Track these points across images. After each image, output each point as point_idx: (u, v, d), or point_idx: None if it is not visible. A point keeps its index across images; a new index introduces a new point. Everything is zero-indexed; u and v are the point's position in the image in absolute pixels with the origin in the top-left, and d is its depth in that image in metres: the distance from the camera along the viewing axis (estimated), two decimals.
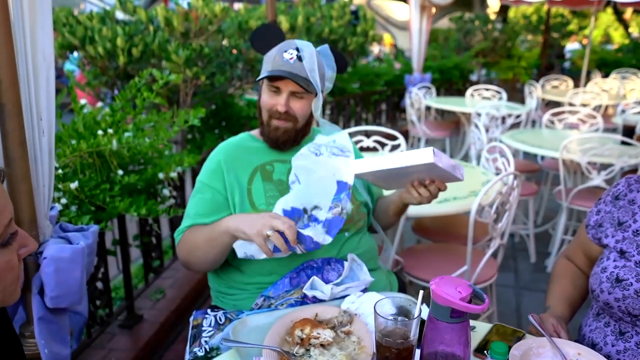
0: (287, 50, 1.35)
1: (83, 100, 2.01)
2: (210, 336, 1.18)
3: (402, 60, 8.14)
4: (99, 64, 2.96)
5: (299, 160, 1.35)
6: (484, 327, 1.17)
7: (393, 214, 1.50)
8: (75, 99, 1.98)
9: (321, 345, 1.02)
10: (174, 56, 2.83)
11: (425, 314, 0.94)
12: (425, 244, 2.56)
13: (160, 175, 1.98)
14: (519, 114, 4.56)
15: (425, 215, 2.31)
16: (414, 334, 0.91)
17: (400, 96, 7.23)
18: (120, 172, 1.87)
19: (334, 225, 1.20)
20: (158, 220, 2.46)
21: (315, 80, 1.35)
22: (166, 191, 2.11)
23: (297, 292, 1.24)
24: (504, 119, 4.55)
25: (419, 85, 6.06)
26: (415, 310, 0.93)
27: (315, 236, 1.18)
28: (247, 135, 1.51)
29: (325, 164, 1.31)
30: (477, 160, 3.64)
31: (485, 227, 2.08)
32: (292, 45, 1.37)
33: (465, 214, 2.09)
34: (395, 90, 7.25)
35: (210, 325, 1.21)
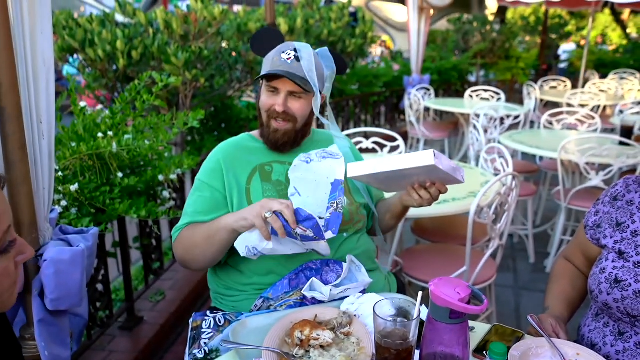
0: (285, 51, 1.36)
1: (83, 103, 2.01)
2: (209, 338, 1.18)
3: (401, 62, 8.14)
4: (99, 66, 2.97)
5: (294, 172, 1.35)
6: (483, 328, 1.17)
7: (393, 216, 1.50)
8: (75, 102, 1.98)
9: (321, 347, 1.02)
10: (173, 59, 2.83)
11: (425, 314, 0.95)
12: (424, 244, 2.56)
13: (160, 177, 1.98)
14: (518, 114, 4.57)
15: (424, 216, 2.32)
16: (413, 335, 0.92)
17: (399, 97, 7.24)
18: (120, 175, 1.88)
19: (333, 221, 1.20)
20: (158, 222, 2.46)
21: (313, 80, 1.35)
22: (166, 193, 2.12)
23: (296, 294, 1.24)
24: (502, 120, 4.56)
25: (418, 86, 6.07)
26: (415, 311, 0.93)
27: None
28: (247, 136, 1.51)
29: (317, 169, 1.31)
30: (476, 161, 3.64)
31: (484, 228, 2.09)
32: (290, 46, 1.38)
33: (464, 215, 2.10)
34: (394, 92, 7.27)
35: (209, 327, 1.21)
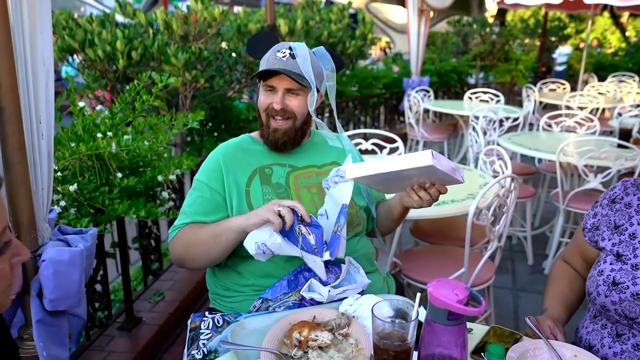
0: (281, 49, 1.37)
1: (82, 103, 2.01)
2: (208, 339, 1.18)
3: (401, 64, 8.16)
4: (99, 67, 2.97)
5: (328, 195, 1.34)
6: (481, 329, 1.17)
7: (394, 218, 1.50)
8: (74, 102, 1.98)
9: (319, 348, 1.02)
10: (173, 59, 2.83)
11: (423, 316, 0.95)
12: (423, 246, 2.56)
13: (160, 177, 1.98)
14: (517, 117, 4.58)
15: (423, 217, 2.32)
16: (411, 337, 0.92)
17: (399, 99, 7.25)
18: (119, 175, 1.88)
19: (332, 244, 1.22)
20: (157, 222, 2.45)
21: (310, 76, 1.35)
22: (165, 194, 2.12)
23: (295, 295, 1.24)
24: (501, 122, 4.57)
25: (418, 88, 6.08)
26: (413, 312, 0.93)
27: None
28: (248, 137, 1.51)
29: (334, 195, 1.32)
30: (475, 163, 3.64)
31: (483, 230, 2.09)
32: (286, 45, 1.39)
33: (462, 217, 2.10)
34: (394, 94, 7.27)
35: (208, 328, 1.21)
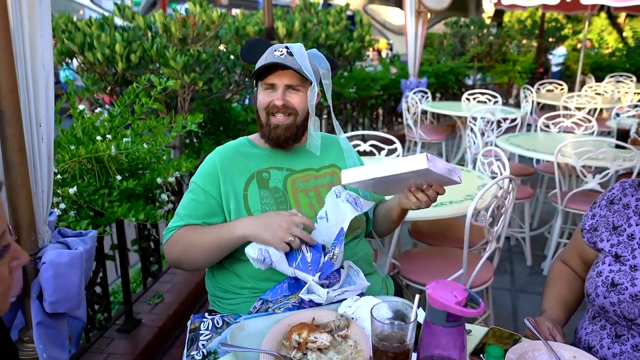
0: (278, 49, 1.38)
1: (81, 106, 2.02)
2: (207, 340, 1.17)
3: (398, 65, 8.17)
4: (98, 70, 2.97)
5: (329, 198, 1.35)
6: (480, 331, 1.17)
7: (393, 219, 1.50)
8: (74, 105, 1.99)
9: (318, 349, 1.02)
10: (172, 62, 2.84)
11: (422, 317, 0.95)
12: (421, 247, 2.56)
13: (159, 180, 1.98)
14: (515, 117, 4.59)
15: (422, 218, 2.32)
16: (410, 338, 0.92)
17: (397, 101, 7.26)
18: (118, 177, 1.88)
19: (325, 269, 1.23)
20: (156, 225, 2.46)
21: (308, 69, 1.36)
22: (164, 196, 2.12)
23: (295, 297, 1.25)
24: (499, 123, 4.57)
25: (415, 89, 6.09)
26: (412, 314, 0.94)
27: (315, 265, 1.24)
28: (245, 140, 1.51)
29: (338, 207, 1.32)
30: (473, 164, 3.65)
31: (481, 231, 2.10)
32: (282, 45, 1.40)
33: (461, 218, 2.10)
34: (392, 95, 7.28)
35: (207, 329, 1.21)
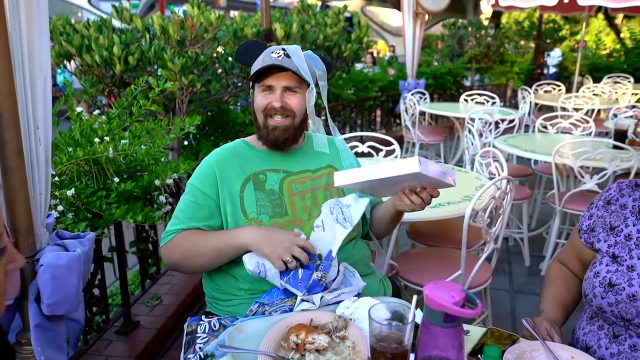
0: (274, 51, 1.39)
1: (79, 108, 2.02)
2: (204, 342, 1.17)
3: (396, 66, 8.18)
4: (96, 72, 2.97)
5: (325, 208, 1.36)
6: (478, 331, 1.17)
7: (389, 221, 1.50)
8: (71, 107, 1.99)
9: (316, 351, 1.03)
10: (169, 64, 2.84)
11: (420, 318, 0.96)
12: (419, 248, 2.57)
13: (157, 182, 1.98)
14: (512, 118, 4.59)
15: (420, 219, 2.33)
16: (408, 339, 0.92)
17: (395, 102, 7.27)
18: (116, 179, 1.88)
19: (313, 288, 1.23)
20: (154, 226, 2.46)
21: (305, 70, 1.37)
22: (162, 198, 2.12)
23: (291, 300, 1.25)
24: (497, 124, 4.58)
25: (413, 90, 6.10)
26: (410, 314, 0.94)
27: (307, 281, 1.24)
28: (242, 142, 1.52)
29: (331, 225, 1.32)
30: (471, 165, 3.66)
31: (479, 232, 2.10)
32: (278, 47, 1.41)
33: (459, 219, 2.11)
34: (390, 96, 7.29)
35: (204, 332, 1.21)
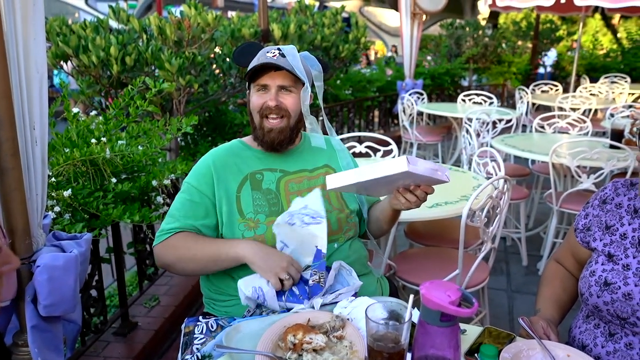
0: (270, 51, 1.39)
1: (76, 109, 2.01)
2: (202, 343, 1.17)
3: (394, 67, 8.20)
4: (93, 72, 2.97)
5: (279, 228, 1.31)
6: (475, 330, 1.18)
7: (386, 220, 1.50)
8: (68, 108, 1.98)
9: (314, 350, 1.03)
10: (167, 64, 2.84)
11: (416, 318, 0.96)
12: (417, 248, 2.57)
13: (154, 182, 1.98)
14: (510, 118, 4.60)
15: (417, 219, 2.33)
16: (405, 338, 0.92)
17: (393, 102, 7.28)
18: (113, 180, 1.88)
19: (314, 292, 1.23)
20: (152, 227, 2.46)
21: (301, 70, 1.37)
22: (160, 198, 2.12)
23: None
24: (494, 124, 4.59)
25: (411, 91, 6.11)
26: (406, 314, 0.94)
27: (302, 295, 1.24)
28: (239, 142, 1.52)
29: (300, 233, 1.30)
30: (469, 164, 3.66)
31: (477, 231, 2.10)
32: (274, 47, 1.41)
33: (456, 218, 2.11)
34: (388, 97, 7.30)
35: (202, 333, 1.21)
